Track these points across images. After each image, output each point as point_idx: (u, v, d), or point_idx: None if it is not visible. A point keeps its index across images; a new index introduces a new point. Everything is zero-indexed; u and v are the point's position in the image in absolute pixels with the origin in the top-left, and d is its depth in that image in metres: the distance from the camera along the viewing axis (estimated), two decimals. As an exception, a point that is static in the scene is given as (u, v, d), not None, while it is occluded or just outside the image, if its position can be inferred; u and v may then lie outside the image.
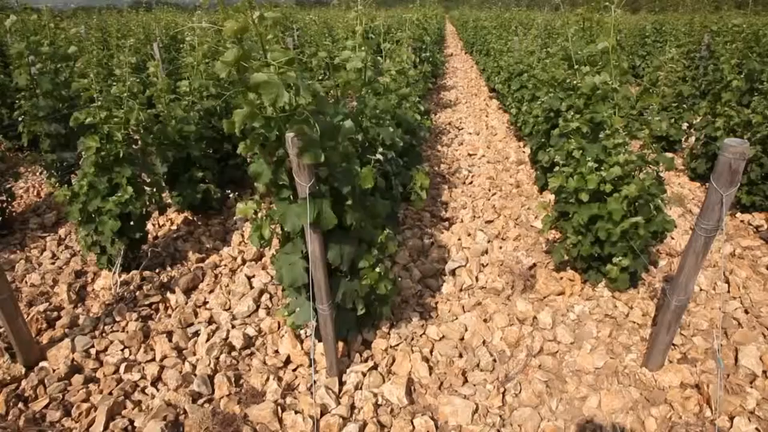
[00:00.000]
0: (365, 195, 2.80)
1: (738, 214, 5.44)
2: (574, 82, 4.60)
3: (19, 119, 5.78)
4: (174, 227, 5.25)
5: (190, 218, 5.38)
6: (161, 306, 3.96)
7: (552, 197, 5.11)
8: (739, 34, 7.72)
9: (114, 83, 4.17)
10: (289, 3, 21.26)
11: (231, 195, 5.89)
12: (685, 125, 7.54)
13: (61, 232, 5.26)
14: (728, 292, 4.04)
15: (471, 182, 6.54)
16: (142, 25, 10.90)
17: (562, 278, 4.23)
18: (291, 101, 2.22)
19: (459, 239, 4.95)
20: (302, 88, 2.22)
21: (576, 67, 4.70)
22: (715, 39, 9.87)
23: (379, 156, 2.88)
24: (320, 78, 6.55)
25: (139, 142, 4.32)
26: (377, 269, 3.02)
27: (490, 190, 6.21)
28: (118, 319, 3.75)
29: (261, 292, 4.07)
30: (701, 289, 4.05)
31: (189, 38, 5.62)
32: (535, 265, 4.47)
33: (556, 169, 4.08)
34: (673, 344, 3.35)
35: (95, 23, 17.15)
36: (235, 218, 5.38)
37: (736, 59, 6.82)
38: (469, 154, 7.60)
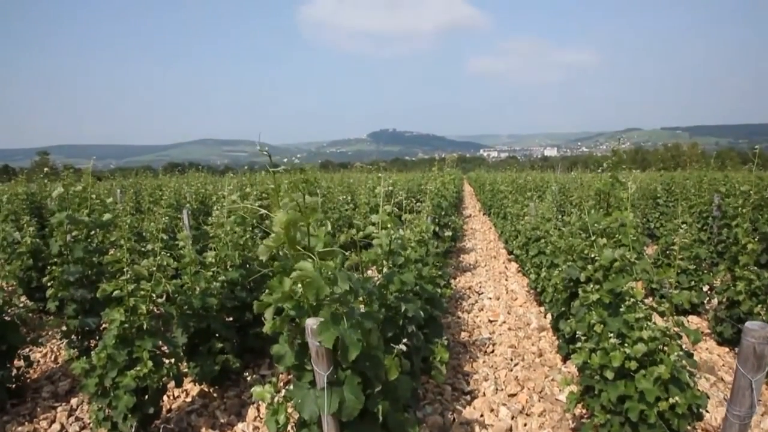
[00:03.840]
0: (389, 380, 2.76)
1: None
2: (592, 255, 4.67)
3: (49, 284, 5.93)
4: (189, 399, 5.13)
5: (206, 390, 5.27)
6: (169, 490, 3.77)
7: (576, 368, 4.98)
8: (748, 200, 7.94)
9: (143, 248, 4.31)
10: (314, 166, 22.48)
11: (249, 368, 5.82)
12: (705, 287, 7.52)
13: (74, 401, 5.16)
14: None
15: (492, 351, 6.41)
16: (174, 191, 11.49)
17: (593, 462, 3.98)
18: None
19: (482, 415, 4.75)
20: (340, 279, 2.29)
21: (593, 238, 4.80)
22: (725, 200, 10.11)
23: (402, 346, 2.87)
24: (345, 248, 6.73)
25: (163, 311, 4.39)
26: (395, 456, 2.88)
27: (512, 360, 6.07)
28: (122, 505, 3.56)
29: (274, 476, 3.87)
30: (747, 474, 3.77)
31: (217, 211, 5.88)
32: (563, 446, 4.24)
33: (579, 344, 4.02)
34: None
35: (130, 185, 18.16)
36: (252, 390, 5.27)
37: (748, 223, 6.93)
38: (490, 321, 7.53)
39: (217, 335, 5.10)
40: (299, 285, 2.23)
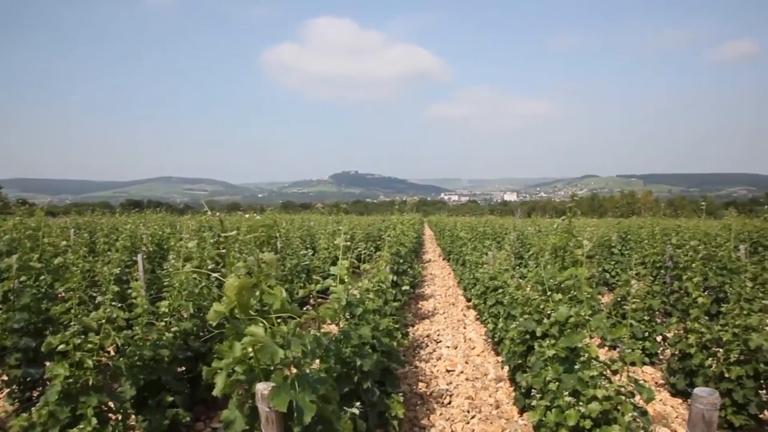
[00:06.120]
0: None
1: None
2: (548, 310, 4.73)
3: (-10, 331, 5.67)
4: (136, 455, 4.93)
5: (154, 445, 5.07)
6: None
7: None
8: (697, 254, 8.23)
9: (95, 294, 4.19)
10: (275, 207, 22.35)
11: (201, 421, 5.64)
12: (659, 338, 7.67)
13: (12, 459, 4.90)
14: None
15: (450, 402, 6.36)
16: (130, 233, 11.25)
17: None
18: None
19: (438, 472, 4.68)
20: (293, 344, 2.26)
21: (549, 294, 4.86)
22: (676, 251, 10.42)
23: (355, 410, 2.84)
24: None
25: (111, 365, 4.24)
26: None
27: (469, 412, 6.03)
28: None
29: None
30: None
31: (173, 259, 5.78)
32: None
33: (534, 402, 4.03)
34: None
35: (86, 224, 17.67)
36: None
37: (699, 276, 7.13)
38: (448, 371, 7.49)
39: (167, 387, 4.95)
40: (250, 349, 2.19)
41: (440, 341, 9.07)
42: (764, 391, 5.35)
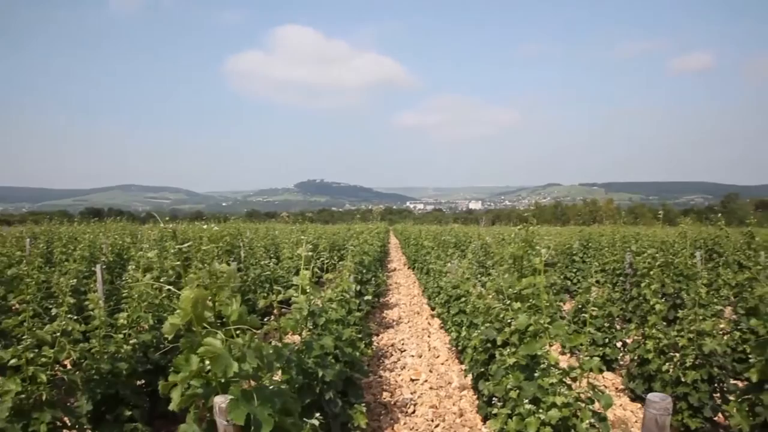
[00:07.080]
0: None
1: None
2: (508, 319, 4.77)
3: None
4: (92, 472, 4.80)
5: (112, 461, 4.95)
6: None
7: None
8: (654, 262, 8.46)
9: (51, 305, 4.09)
10: (239, 217, 22.14)
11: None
12: (619, 343, 7.82)
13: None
14: None
15: (414, 411, 6.37)
16: (89, 242, 10.99)
17: None
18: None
19: (401, 482, 4.68)
20: (248, 356, 2.24)
21: (508, 302, 4.91)
22: (635, 258, 10.67)
23: (315, 421, 2.82)
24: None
25: (66, 379, 4.14)
26: None
27: (433, 421, 6.04)
28: None
29: None
30: None
31: (132, 269, 5.68)
32: None
33: (496, 410, 4.07)
34: None
35: (43, 233, 17.18)
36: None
37: (657, 283, 7.30)
38: (412, 380, 7.50)
39: (126, 401, 4.84)
40: (207, 362, 2.17)
41: (405, 350, 9.08)
42: (718, 395, 5.50)
